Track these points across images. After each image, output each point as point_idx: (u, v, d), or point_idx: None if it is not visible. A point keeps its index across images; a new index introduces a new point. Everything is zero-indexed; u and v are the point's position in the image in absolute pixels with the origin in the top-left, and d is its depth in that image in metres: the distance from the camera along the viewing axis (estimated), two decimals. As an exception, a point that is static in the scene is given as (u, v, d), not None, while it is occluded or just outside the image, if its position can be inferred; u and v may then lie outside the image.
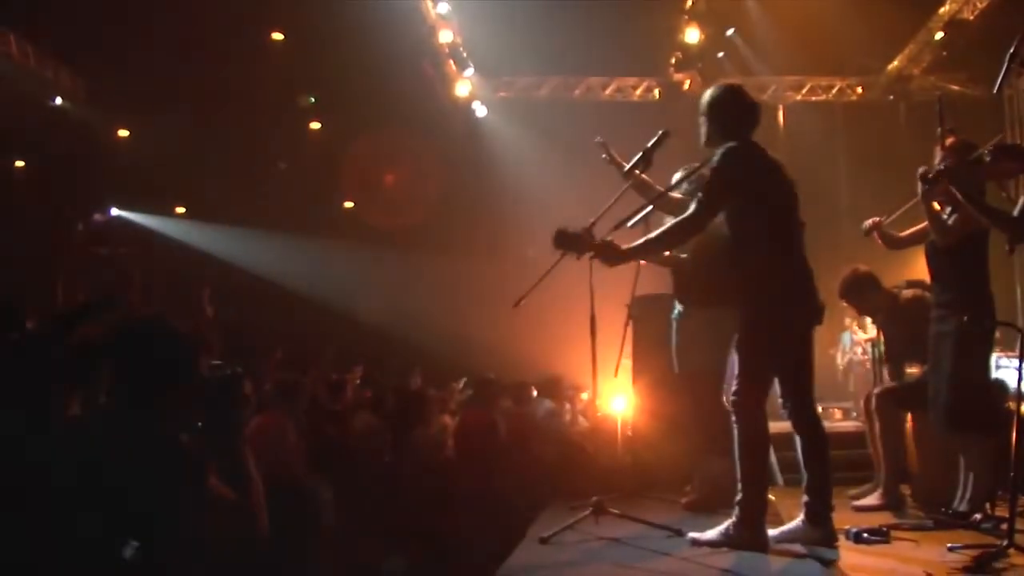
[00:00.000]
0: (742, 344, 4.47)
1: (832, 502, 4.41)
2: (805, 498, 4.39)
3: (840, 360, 12.45)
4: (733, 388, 4.47)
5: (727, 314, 4.87)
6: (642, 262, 5.75)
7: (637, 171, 5.19)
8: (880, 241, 5.90)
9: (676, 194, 5.65)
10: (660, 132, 5.08)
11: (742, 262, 4.48)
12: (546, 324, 10.36)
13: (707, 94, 4.69)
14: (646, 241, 4.56)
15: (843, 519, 4.68)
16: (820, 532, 4.32)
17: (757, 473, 4.40)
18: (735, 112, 4.60)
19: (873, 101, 15.41)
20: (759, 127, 4.66)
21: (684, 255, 5.44)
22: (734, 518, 4.37)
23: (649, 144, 5.03)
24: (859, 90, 15.50)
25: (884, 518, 5.15)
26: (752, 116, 4.63)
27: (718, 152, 4.48)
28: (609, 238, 4.50)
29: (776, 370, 4.47)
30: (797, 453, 4.49)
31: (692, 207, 4.51)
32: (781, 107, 15.18)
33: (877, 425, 5.75)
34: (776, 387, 4.51)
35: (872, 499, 5.65)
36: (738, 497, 4.39)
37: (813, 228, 4.73)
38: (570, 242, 4.50)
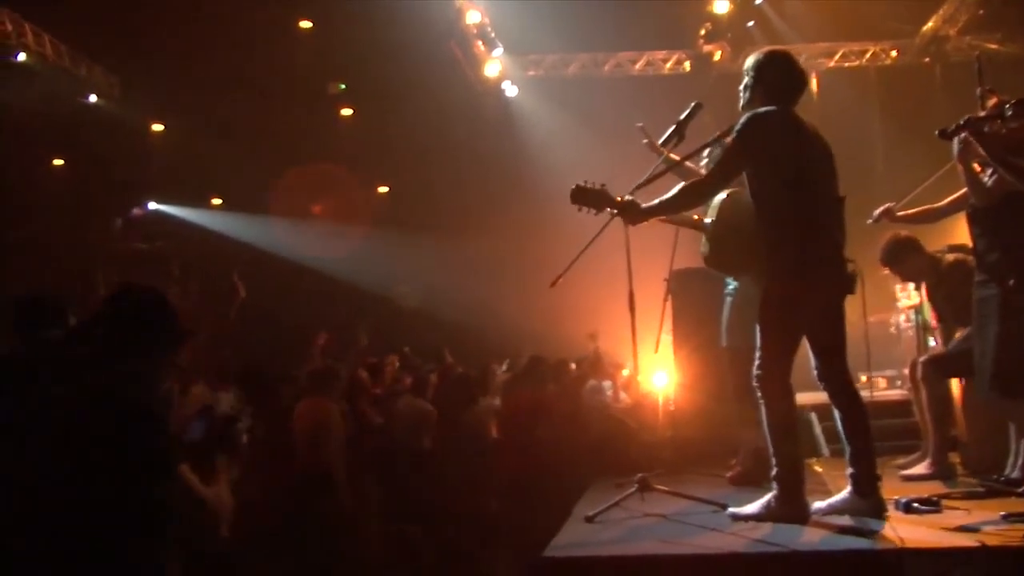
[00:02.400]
0: (759, 318, 4.37)
1: (878, 472, 4.35)
2: (850, 470, 4.35)
3: (894, 327, 12.23)
4: (755, 364, 4.38)
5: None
6: (678, 233, 5.71)
7: (670, 145, 5.12)
8: (906, 222, 5.84)
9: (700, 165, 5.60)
10: (692, 104, 5.01)
11: (761, 231, 4.40)
12: (584, 302, 10.32)
13: (755, 57, 4.61)
14: (662, 201, 4.49)
15: (892, 489, 4.63)
16: (868, 503, 4.27)
17: (787, 448, 4.33)
18: (782, 79, 4.53)
19: (908, 65, 15.11)
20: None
21: (709, 220, 5.39)
22: (774, 491, 4.34)
23: (682, 117, 4.95)
24: (893, 54, 15.19)
25: (934, 487, 5.07)
26: (799, 85, 4.55)
27: (742, 117, 4.42)
28: (630, 197, 4.48)
29: (796, 344, 4.38)
30: (838, 424, 4.44)
31: (708, 169, 4.51)
32: (814, 75, 14.91)
33: (924, 393, 5.69)
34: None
35: (921, 468, 5.59)
36: (773, 472, 4.35)
37: (848, 195, 4.60)
38: (588, 198, 4.48)
